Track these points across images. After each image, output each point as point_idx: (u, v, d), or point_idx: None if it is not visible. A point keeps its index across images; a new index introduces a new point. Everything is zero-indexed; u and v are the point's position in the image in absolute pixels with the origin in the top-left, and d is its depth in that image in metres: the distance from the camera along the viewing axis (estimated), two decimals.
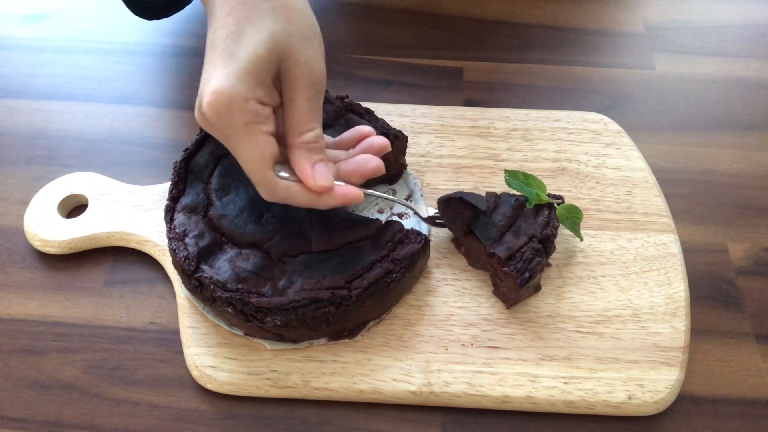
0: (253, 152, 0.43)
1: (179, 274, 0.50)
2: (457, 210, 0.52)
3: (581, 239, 0.53)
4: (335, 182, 0.46)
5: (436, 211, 0.54)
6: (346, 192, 0.46)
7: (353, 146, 0.50)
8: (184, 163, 0.54)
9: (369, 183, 0.58)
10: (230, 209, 0.51)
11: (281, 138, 0.46)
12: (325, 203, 0.46)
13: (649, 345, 0.49)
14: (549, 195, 0.53)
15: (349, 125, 0.56)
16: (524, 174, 0.53)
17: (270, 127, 0.44)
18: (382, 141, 0.49)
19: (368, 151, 0.49)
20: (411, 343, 0.50)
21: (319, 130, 0.45)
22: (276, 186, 0.44)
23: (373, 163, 0.47)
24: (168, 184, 0.54)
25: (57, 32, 0.75)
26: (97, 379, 0.50)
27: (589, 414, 0.48)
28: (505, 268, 0.49)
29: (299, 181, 0.45)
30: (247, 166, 0.44)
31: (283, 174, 0.45)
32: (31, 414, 0.48)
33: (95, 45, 0.74)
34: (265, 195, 0.45)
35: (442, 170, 0.60)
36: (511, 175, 0.53)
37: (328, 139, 0.51)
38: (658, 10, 0.79)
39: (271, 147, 0.43)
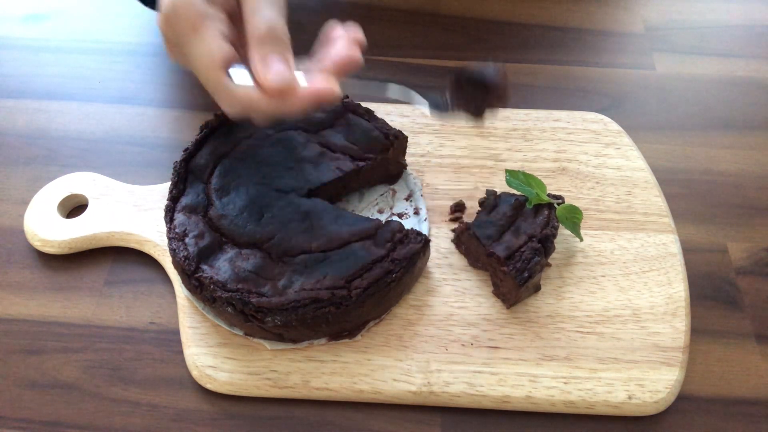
0: (202, 54, 0.40)
1: (179, 274, 0.50)
2: (468, 90, 0.47)
3: (581, 239, 0.53)
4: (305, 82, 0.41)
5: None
6: (316, 88, 0.40)
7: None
8: (184, 163, 0.54)
9: (369, 182, 0.58)
10: (230, 209, 0.51)
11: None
12: (292, 106, 0.40)
13: (649, 345, 0.49)
14: (549, 195, 0.53)
15: (350, 125, 0.56)
16: (524, 174, 0.53)
17: (220, 26, 0.41)
18: (354, 33, 0.44)
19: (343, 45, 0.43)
20: (411, 343, 0.50)
21: (273, 20, 0.40)
22: (233, 93, 0.40)
23: (342, 48, 0.41)
24: (168, 184, 0.54)
25: (57, 32, 0.75)
26: (97, 379, 0.50)
27: (589, 414, 0.48)
28: (504, 268, 0.49)
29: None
30: (200, 72, 0.41)
31: (242, 81, 0.40)
32: (31, 414, 0.48)
33: (95, 45, 0.74)
34: (226, 106, 0.41)
35: (442, 170, 0.60)
36: (512, 175, 0.53)
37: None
38: (658, 10, 0.79)
39: (221, 49, 0.40)
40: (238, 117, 0.42)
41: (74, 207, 0.59)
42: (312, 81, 0.40)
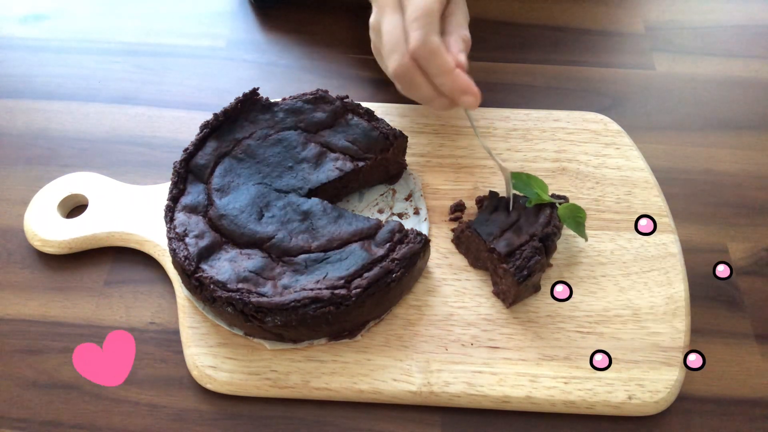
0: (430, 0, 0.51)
1: (179, 274, 0.50)
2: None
3: (586, 239, 0.53)
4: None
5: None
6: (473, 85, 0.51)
7: None
8: (184, 163, 0.54)
9: (369, 182, 0.58)
10: (231, 209, 0.51)
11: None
12: (458, 80, 0.50)
13: (649, 345, 0.49)
14: (552, 195, 0.53)
15: (350, 125, 0.56)
16: (527, 175, 0.53)
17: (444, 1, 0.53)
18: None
19: None
20: (411, 343, 0.50)
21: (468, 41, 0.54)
22: (435, 32, 0.50)
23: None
24: (168, 184, 0.54)
25: (57, 32, 0.75)
26: None
27: (589, 414, 0.48)
28: (504, 265, 0.49)
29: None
30: (422, 8, 0.50)
31: None
32: (31, 414, 0.48)
33: (95, 45, 0.74)
34: (418, 39, 0.50)
35: (442, 170, 0.60)
36: (516, 177, 0.53)
37: None
38: (658, 10, 0.79)
39: (442, 6, 0.52)
40: (415, 54, 0.50)
41: (74, 207, 0.59)
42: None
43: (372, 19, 0.56)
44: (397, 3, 0.52)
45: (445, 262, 0.54)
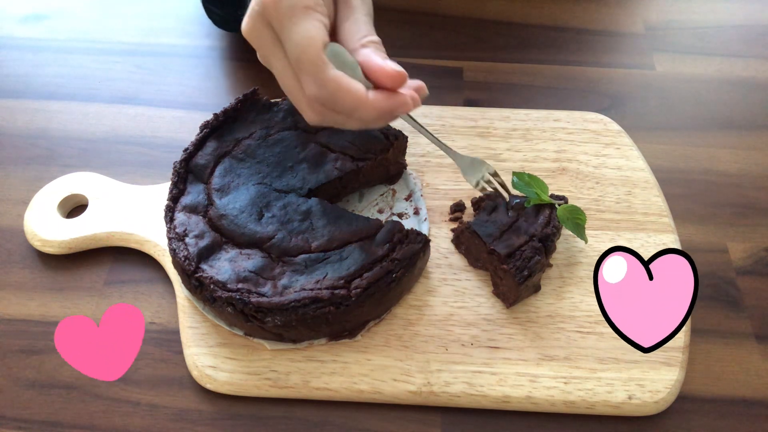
0: (309, 32, 0.41)
1: (179, 274, 0.50)
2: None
3: (586, 242, 0.53)
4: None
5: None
6: (401, 99, 0.42)
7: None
8: (184, 163, 0.54)
9: (369, 182, 0.58)
10: (231, 209, 0.51)
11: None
12: (378, 107, 0.42)
13: None
14: (552, 196, 0.53)
15: None
16: (529, 175, 0.53)
17: (326, 20, 0.43)
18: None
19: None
20: (411, 343, 0.50)
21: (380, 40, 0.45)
22: (326, 70, 0.41)
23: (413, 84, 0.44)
24: (168, 184, 0.54)
25: (57, 32, 0.75)
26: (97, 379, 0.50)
27: (589, 414, 0.48)
28: (504, 266, 0.49)
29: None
30: (300, 48, 0.41)
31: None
32: (31, 414, 0.48)
33: (95, 45, 0.74)
34: (312, 85, 0.42)
35: (442, 170, 0.60)
36: (519, 177, 0.53)
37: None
38: (658, 10, 0.79)
39: (325, 33, 0.42)
40: (318, 95, 0.42)
41: (74, 207, 0.59)
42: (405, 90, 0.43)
43: (258, 56, 0.47)
44: (275, 40, 0.43)
45: (445, 262, 0.54)
